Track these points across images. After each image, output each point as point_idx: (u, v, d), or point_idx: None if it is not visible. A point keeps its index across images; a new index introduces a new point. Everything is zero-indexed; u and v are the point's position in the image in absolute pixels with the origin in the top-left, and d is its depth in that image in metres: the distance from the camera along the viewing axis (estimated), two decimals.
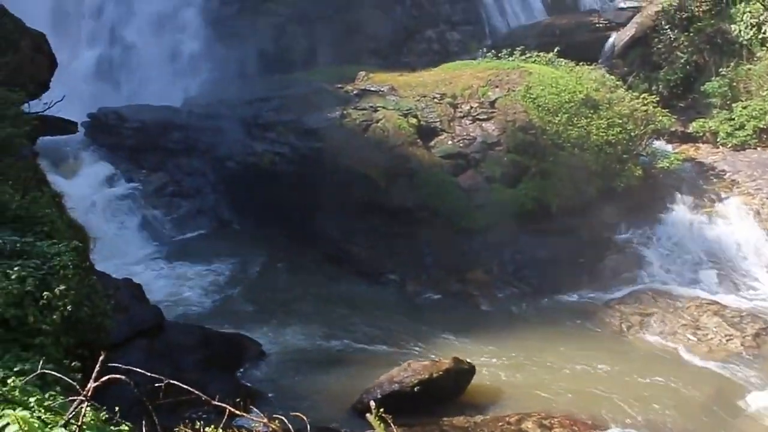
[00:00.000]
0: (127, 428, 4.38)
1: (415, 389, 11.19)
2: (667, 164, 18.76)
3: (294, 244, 17.91)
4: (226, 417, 4.34)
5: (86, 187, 18.56)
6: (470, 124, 18.32)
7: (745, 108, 20.69)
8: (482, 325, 14.82)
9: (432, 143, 17.98)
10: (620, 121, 18.45)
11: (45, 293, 6.87)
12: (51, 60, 16.49)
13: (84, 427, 3.77)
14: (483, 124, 18.28)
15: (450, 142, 18.00)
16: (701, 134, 21.27)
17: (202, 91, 21.72)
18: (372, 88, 19.39)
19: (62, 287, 7.02)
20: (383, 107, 18.31)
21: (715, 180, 19.21)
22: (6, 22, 14.91)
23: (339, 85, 19.86)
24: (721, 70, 21.69)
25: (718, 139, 20.93)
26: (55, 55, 16.69)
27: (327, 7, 24.29)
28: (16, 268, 6.98)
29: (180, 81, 22.68)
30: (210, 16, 23.85)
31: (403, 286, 16.45)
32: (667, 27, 22.90)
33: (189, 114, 20.14)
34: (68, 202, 12.73)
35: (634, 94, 20.02)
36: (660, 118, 19.27)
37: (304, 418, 4.93)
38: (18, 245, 7.73)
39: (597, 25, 25.49)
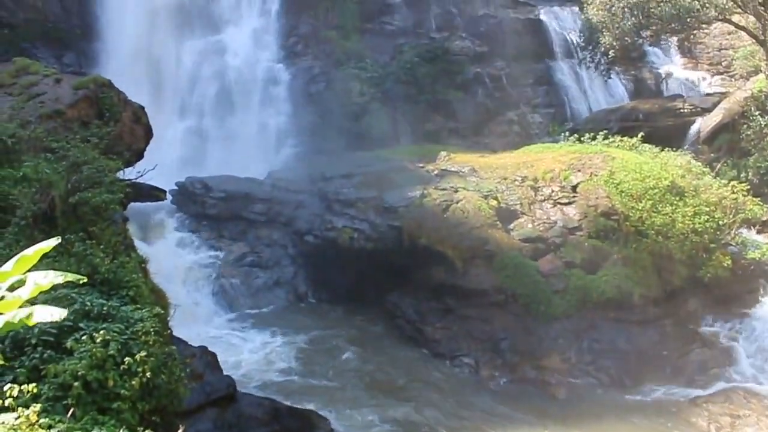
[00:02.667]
0: None
1: None
2: (759, 255, 17.89)
3: (369, 321, 17.83)
4: None
5: (169, 252, 19.11)
6: (551, 207, 18.09)
7: None
8: (559, 415, 14.19)
9: (511, 226, 17.78)
10: (707, 209, 17.84)
11: (126, 358, 6.98)
12: (147, 131, 17.39)
13: None
14: (564, 209, 18.02)
15: (530, 226, 17.76)
16: None
17: (286, 164, 22.33)
18: (453, 169, 19.50)
19: (143, 353, 7.13)
20: (464, 188, 18.33)
21: None
22: (112, 95, 15.88)
23: (420, 164, 20.07)
24: None
25: None
26: (151, 126, 17.62)
27: (410, 87, 24.90)
28: (101, 332, 7.14)
29: (265, 154, 23.44)
30: (296, 92, 24.78)
31: (478, 370, 16.01)
32: (757, 113, 22.29)
33: (272, 187, 20.67)
34: (152, 266, 13.11)
35: (722, 181, 19.43)
36: (750, 206, 18.56)
37: None
38: (104, 308, 7.94)
39: (682, 111, 25.14)
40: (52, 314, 3.35)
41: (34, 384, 5.47)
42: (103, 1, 24.98)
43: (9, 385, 5.04)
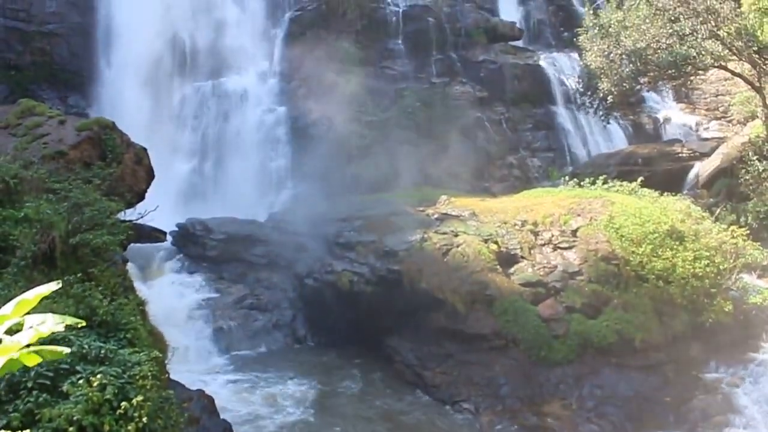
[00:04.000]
0: None
1: None
2: (760, 300, 17.81)
3: (368, 365, 17.66)
4: None
5: (169, 294, 19.04)
6: (551, 252, 18.09)
7: None
8: None
9: (512, 270, 17.75)
10: (708, 254, 17.84)
11: (123, 403, 6.90)
12: (149, 172, 17.51)
13: None
14: (564, 253, 18.01)
15: (530, 270, 17.73)
16: None
17: (287, 207, 22.40)
18: (453, 213, 19.54)
19: (140, 398, 7.05)
20: (464, 232, 18.33)
21: None
22: (115, 136, 16.03)
23: (420, 208, 20.12)
24: None
25: None
26: (153, 167, 17.74)
27: (411, 131, 25.13)
28: (98, 375, 7.08)
29: (266, 196, 23.53)
30: (298, 135, 25.01)
31: (478, 416, 15.79)
32: (755, 158, 22.43)
33: (272, 229, 20.71)
34: (150, 308, 13.06)
35: (722, 226, 19.46)
36: (750, 251, 18.55)
37: None
38: (102, 351, 7.88)
39: (680, 155, 25.35)
40: (53, 349, 3.31)
41: (28, 429, 5.41)
42: (109, 44, 25.38)
43: (2, 431, 4.98)
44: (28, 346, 3.26)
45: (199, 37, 26.28)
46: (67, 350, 3.24)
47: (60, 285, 3.34)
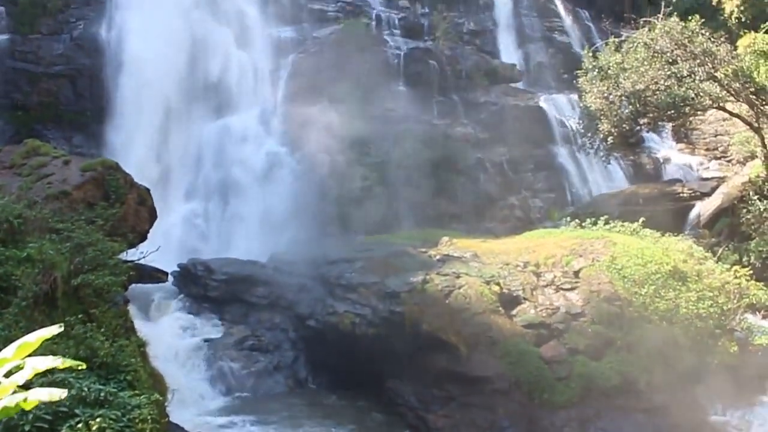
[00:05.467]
0: None
1: None
2: (766, 341, 17.71)
3: (370, 408, 17.45)
4: None
5: (169, 334, 18.93)
6: (553, 293, 18.02)
7: None
8: None
9: (514, 312, 17.65)
10: (711, 294, 17.81)
11: None
12: (152, 212, 17.60)
13: None
14: (566, 294, 17.94)
15: (532, 312, 17.64)
16: None
17: (288, 248, 22.37)
18: (455, 254, 19.52)
19: None
20: (466, 273, 18.28)
21: None
22: (118, 177, 16.16)
23: (422, 249, 20.09)
24: None
25: None
26: (156, 208, 17.83)
27: (412, 173, 25.25)
28: (97, 419, 7.02)
29: (268, 237, 23.53)
30: (300, 176, 25.12)
31: None
32: (755, 197, 22.51)
33: (274, 270, 20.66)
34: (151, 349, 12.98)
35: (725, 266, 19.45)
36: (754, 291, 18.50)
37: None
38: (102, 394, 7.83)
39: (681, 195, 25.46)
40: (51, 393, 3.31)
41: None
42: (116, 85, 25.69)
43: None
44: (26, 385, 3.25)
45: (202, 78, 26.59)
46: (64, 393, 3.23)
47: (62, 328, 3.34)
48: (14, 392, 3.23)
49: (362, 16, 30.29)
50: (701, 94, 22.81)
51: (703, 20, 23.93)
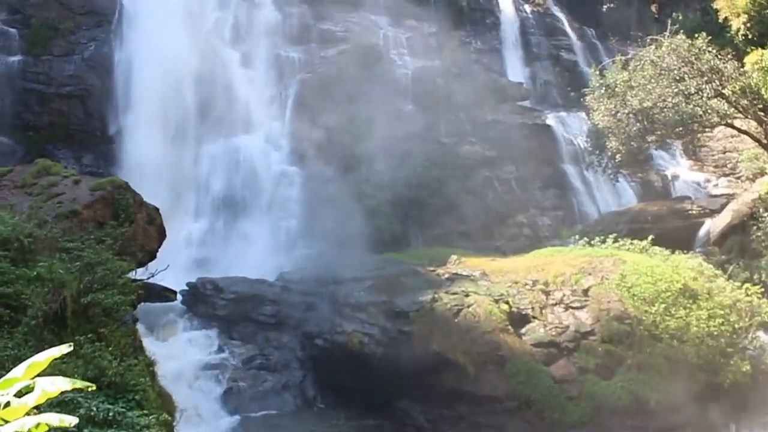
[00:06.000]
0: None
1: None
2: None
3: (378, 427, 17.35)
4: None
5: (178, 353, 18.89)
6: (563, 312, 17.93)
7: None
8: None
9: (523, 330, 17.57)
10: (722, 312, 17.66)
11: None
12: (161, 231, 17.65)
13: None
14: (576, 313, 17.85)
15: (542, 330, 17.55)
16: None
17: (297, 266, 22.38)
18: (464, 273, 19.48)
19: None
20: (475, 292, 18.23)
21: None
22: (128, 196, 16.23)
23: (431, 268, 20.05)
24: None
25: None
26: (165, 227, 17.89)
27: (420, 191, 25.27)
28: None
29: (276, 256, 23.55)
30: (308, 195, 25.18)
31: None
32: (766, 214, 22.38)
33: (282, 289, 20.65)
34: (159, 368, 12.96)
35: (735, 283, 19.30)
36: (766, 309, 18.33)
37: None
38: (110, 414, 7.80)
39: (690, 212, 25.32)
40: (62, 419, 3.30)
41: None
42: (126, 105, 25.91)
43: None
44: (36, 408, 3.25)
45: (211, 98, 26.78)
46: (75, 420, 3.22)
47: (71, 348, 3.35)
48: (27, 414, 3.22)
49: (370, 36, 30.48)
50: (709, 111, 22.79)
51: (709, 38, 23.97)
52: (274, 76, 28.50)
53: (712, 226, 24.12)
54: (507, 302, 17.95)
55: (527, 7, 36.06)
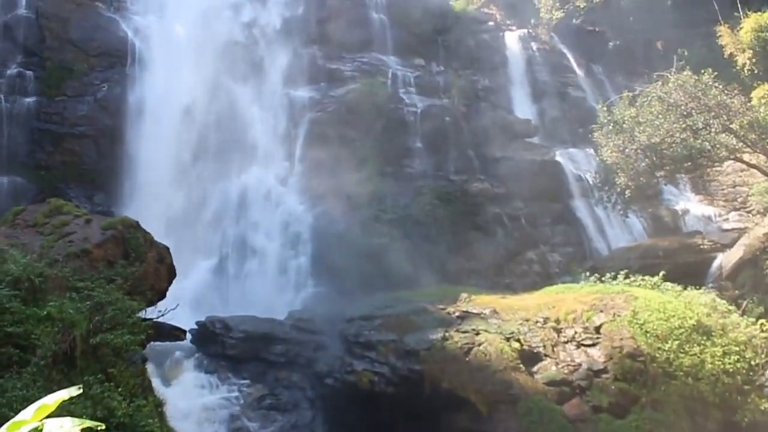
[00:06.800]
0: None
1: None
2: None
3: None
4: None
5: (186, 393, 18.74)
6: (575, 349, 17.73)
7: None
8: None
9: (535, 369, 17.37)
10: (737, 349, 17.41)
11: None
12: (171, 270, 17.68)
13: None
14: (588, 350, 17.64)
15: (554, 368, 17.34)
16: None
17: (306, 305, 22.33)
18: (474, 311, 19.36)
19: None
20: (485, 330, 18.09)
21: None
22: (138, 236, 16.32)
23: (441, 306, 19.94)
24: None
25: None
26: (174, 266, 17.92)
27: (430, 228, 25.29)
28: None
29: (286, 294, 23.52)
30: (318, 233, 25.24)
31: None
32: None
33: (292, 327, 20.56)
34: (168, 408, 12.87)
35: (750, 319, 19.05)
36: None
37: None
38: None
39: (702, 247, 25.15)
40: (62, 426, 3.25)
41: None
42: (137, 145, 26.18)
43: None
44: None
45: (221, 137, 27.08)
46: None
47: (81, 390, 3.34)
48: None
49: (378, 75, 30.85)
50: (717, 146, 22.81)
51: (715, 73, 24.12)
52: (285, 114, 28.83)
53: (724, 260, 23.93)
54: (518, 340, 17.79)
55: (534, 45, 36.46)
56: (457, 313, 19.37)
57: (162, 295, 17.26)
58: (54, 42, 27.13)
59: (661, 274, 20.51)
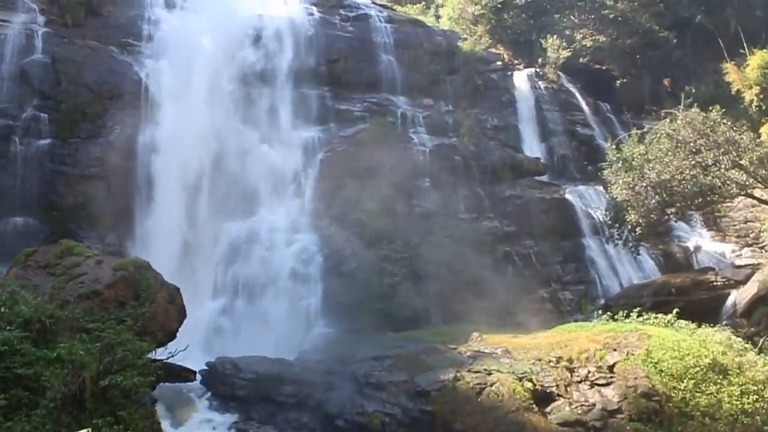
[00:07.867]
0: None
1: None
2: None
3: None
4: None
5: None
6: (588, 389, 17.47)
7: None
8: None
9: (548, 409, 17.08)
10: (755, 388, 17.09)
11: None
12: (181, 311, 17.69)
13: None
14: (602, 390, 17.37)
15: (567, 409, 17.06)
16: None
17: (316, 345, 22.19)
18: (486, 350, 19.19)
19: None
20: (497, 370, 17.88)
21: None
22: (149, 276, 16.37)
23: (452, 346, 19.78)
24: None
25: None
26: (185, 306, 17.92)
27: (440, 267, 25.20)
28: None
29: (296, 335, 23.40)
30: (328, 273, 25.19)
31: None
32: None
33: (302, 368, 20.40)
34: None
35: (767, 357, 18.74)
36: None
37: None
38: None
39: (714, 284, 24.97)
40: None
41: None
42: (148, 186, 26.39)
43: None
44: None
45: (231, 177, 27.27)
46: None
47: None
48: None
49: (387, 115, 31.15)
50: (728, 182, 22.79)
51: (723, 110, 24.20)
52: (295, 154, 29.06)
53: (738, 297, 23.70)
54: (531, 380, 17.56)
55: (541, 84, 36.78)
56: (468, 353, 19.20)
57: (172, 336, 17.23)
58: (69, 85, 27.56)
59: (674, 311, 20.31)
